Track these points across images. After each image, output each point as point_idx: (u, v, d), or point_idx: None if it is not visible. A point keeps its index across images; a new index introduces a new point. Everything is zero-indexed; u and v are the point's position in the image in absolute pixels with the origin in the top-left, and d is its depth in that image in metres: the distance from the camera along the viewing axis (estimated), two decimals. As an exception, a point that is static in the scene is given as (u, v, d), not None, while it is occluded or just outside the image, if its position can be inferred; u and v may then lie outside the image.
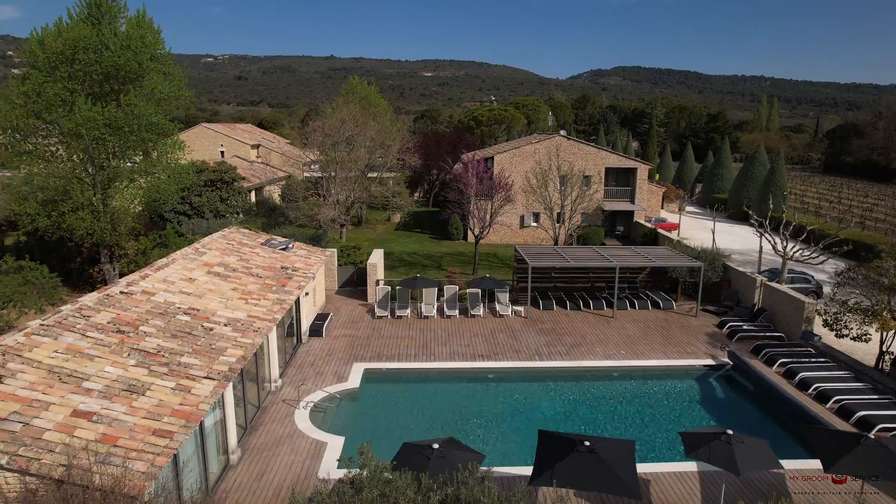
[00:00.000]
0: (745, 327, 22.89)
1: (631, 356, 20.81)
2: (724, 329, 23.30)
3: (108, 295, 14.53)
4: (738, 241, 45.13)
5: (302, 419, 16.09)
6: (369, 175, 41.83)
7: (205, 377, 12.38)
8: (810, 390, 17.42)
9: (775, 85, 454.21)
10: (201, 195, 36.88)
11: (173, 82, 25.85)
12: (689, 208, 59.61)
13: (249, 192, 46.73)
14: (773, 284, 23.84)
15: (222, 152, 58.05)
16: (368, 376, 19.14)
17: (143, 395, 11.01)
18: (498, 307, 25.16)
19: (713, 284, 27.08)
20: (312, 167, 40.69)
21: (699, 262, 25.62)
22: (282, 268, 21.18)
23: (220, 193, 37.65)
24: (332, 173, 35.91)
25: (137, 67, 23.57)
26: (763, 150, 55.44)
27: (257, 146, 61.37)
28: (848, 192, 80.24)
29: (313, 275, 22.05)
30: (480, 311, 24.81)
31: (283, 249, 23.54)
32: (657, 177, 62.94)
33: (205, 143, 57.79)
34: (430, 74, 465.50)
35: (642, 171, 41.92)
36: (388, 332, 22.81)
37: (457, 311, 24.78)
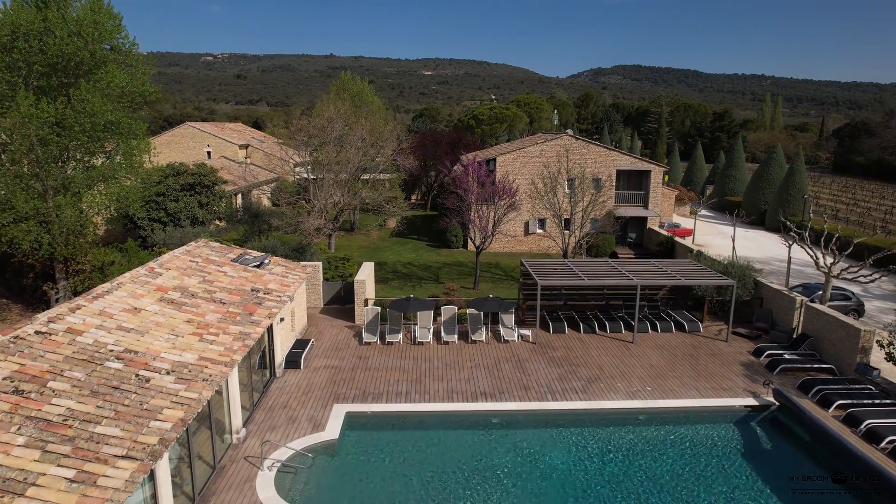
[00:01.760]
0: (786, 357, 19.91)
1: (658, 394, 17.83)
2: (762, 358, 20.34)
3: (16, 337, 11.54)
4: (755, 247, 42.17)
5: (265, 485, 13.12)
6: (363, 177, 38.85)
7: (123, 456, 9.41)
8: (883, 443, 14.46)
9: (776, 83, 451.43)
10: (178, 200, 33.92)
11: (136, 76, 22.90)
12: (701, 211, 56.41)
13: (235, 195, 43.75)
14: (818, 306, 20.85)
15: (209, 153, 55.06)
16: (351, 422, 16.17)
17: (21, 495, 8.04)
18: (502, 330, 22.18)
19: (742, 303, 24.15)
20: (297, 169, 37.61)
21: (730, 279, 22.64)
22: (252, 290, 18.19)
23: (199, 198, 34.70)
24: (320, 176, 32.92)
25: (89, 58, 20.59)
26: (780, 150, 52.48)
27: (246, 146, 58.36)
28: (863, 193, 77.26)
29: (290, 297, 19.07)
30: (482, 335, 21.82)
31: (258, 266, 20.55)
32: (666, 178, 59.88)
33: (190, 144, 54.80)
34: (429, 73, 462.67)
35: (656, 173, 38.89)
36: (376, 363, 19.83)
37: (455, 336, 21.79)
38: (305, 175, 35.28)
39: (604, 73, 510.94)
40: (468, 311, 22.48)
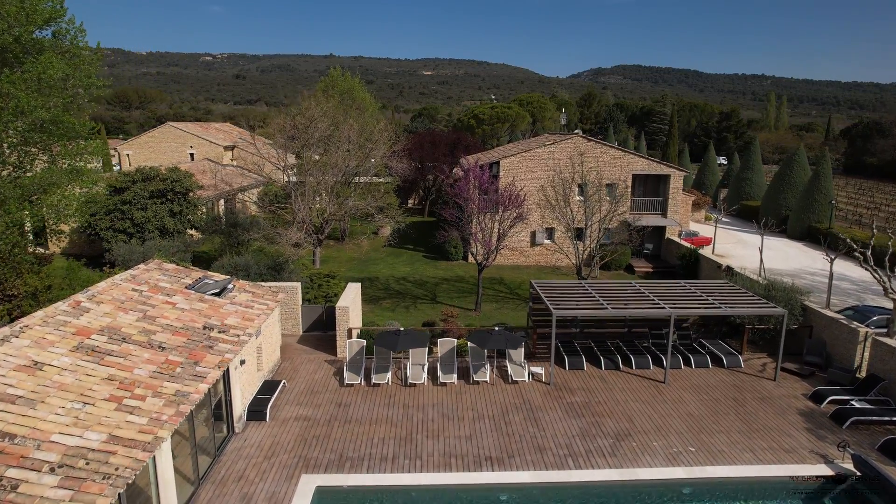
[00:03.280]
0: (856, 405, 16.48)
1: (704, 457, 14.40)
2: (824, 405, 16.91)
3: None
4: (780, 258, 38.80)
5: None
6: (354, 181, 35.40)
7: None
8: None
9: (776, 83, 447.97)
10: (146, 209, 30.50)
11: (80, 67, 19.47)
12: (721, 218, 52.81)
13: (216, 201, 40.32)
14: (891, 342, 17.39)
15: (192, 154, 51.62)
16: (322, 500, 12.74)
17: None
18: (510, 368, 18.73)
19: (787, 331, 20.71)
20: (280, 174, 34.10)
21: (779, 307, 19.21)
22: (204, 328, 14.76)
23: (170, 206, 31.27)
24: (302, 180, 29.48)
25: (13, 43, 17.18)
26: (802, 152, 49.05)
27: (232, 147, 54.91)
28: (881, 195, 73.85)
29: (252, 334, 15.64)
30: (486, 374, 18.37)
31: (218, 294, 17.14)
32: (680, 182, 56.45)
33: (172, 145, 51.38)
34: (429, 73, 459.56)
35: (676, 178, 35.44)
36: (357, 413, 16.39)
37: (454, 375, 18.34)
38: (287, 180, 31.82)
39: (604, 73, 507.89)
40: (469, 344, 19.04)
